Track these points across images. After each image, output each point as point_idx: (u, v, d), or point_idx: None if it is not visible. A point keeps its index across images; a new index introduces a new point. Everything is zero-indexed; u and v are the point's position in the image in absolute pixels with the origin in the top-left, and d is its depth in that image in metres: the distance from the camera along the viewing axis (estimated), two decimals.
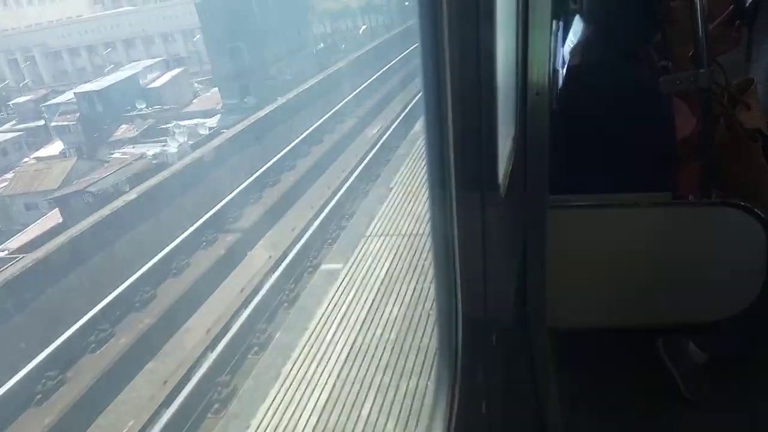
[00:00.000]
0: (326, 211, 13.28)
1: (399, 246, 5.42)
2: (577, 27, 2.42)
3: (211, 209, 14.30)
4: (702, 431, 2.36)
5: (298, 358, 4.17)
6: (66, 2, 56.77)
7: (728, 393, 2.42)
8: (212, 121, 31.55)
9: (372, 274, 4.96)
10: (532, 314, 1.99)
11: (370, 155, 16.35)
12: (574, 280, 2.13)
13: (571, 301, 2.15)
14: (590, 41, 2.31)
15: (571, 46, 2.41)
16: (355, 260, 5.33)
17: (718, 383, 2.47)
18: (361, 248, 5.55)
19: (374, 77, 25.90)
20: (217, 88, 34.71)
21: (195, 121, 32.16)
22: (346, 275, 5.01)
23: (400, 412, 3.57)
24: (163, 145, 26.98)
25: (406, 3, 40.40)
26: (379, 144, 17.08)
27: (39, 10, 56.01)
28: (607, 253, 2.11)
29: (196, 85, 41.03)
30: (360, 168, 15.65)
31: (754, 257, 1.98)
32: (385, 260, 5.18)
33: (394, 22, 41.51)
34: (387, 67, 27.38)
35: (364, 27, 41.35)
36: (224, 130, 23.94)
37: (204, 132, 27.76)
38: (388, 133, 18.02)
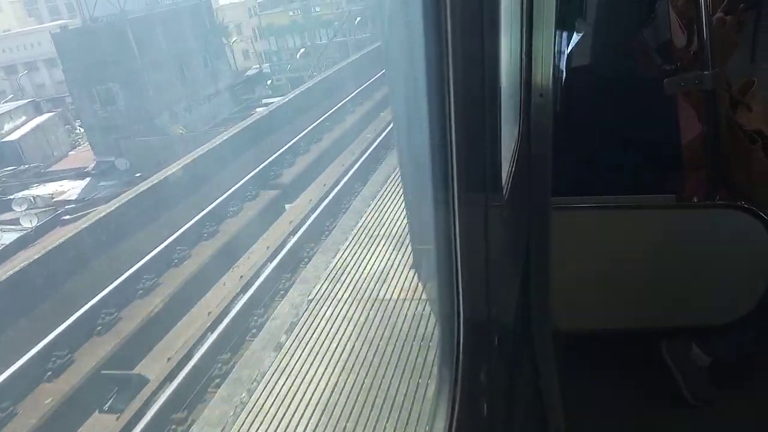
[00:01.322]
0: None
1: None
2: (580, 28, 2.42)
3: None
4: None
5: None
6: None
7: (732, 396, 2.41)
8: (73, 190, 21.91)
9: None
10: (536, 316, 1.99)
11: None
12: (578, 282, 2.13)
13: (575, 303, 2.14)
14: (594, 42, 2.31)
15: (576, 46, 2.42)
16: None
17: (722, 386, 2.46)
18: None
19: (312, 126, 17.54)
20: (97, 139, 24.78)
21: (58, 185, 22.76)
22: None
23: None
24: None
25: (358, 19, 32.90)
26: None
27: None
28: (610, 255, 2.10)
29: (79, 130, 29.61)
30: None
31: (758, 260, 1.97)
32: None
33: (348, 43, 32.80)
34: (327, 114, 18.71)
35: (302, 50, 32.70)
36: (67, 216, 16.61)
37: (29, 224, 16.98)
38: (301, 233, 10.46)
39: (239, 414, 3.89)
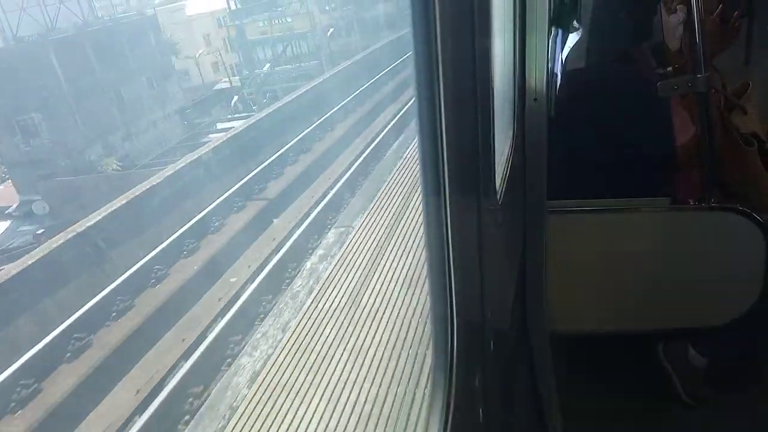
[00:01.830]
0: None
1: None
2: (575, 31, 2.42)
3: None
4: None
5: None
6: None
7: (728, 397, 2.41)
8: None
9: None
10: (532, 319, 1.99)
11: None
12: (574, 284, 2.13)
13: (571, 306, 2.14)
14: (588, 45, 2.31)
15: (570, 49, 2.42)
16: None
17: (719, 387, 2.46)
18: None
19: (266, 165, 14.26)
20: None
21: None
22: None
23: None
24: None
25: (331, 31, 30.33)
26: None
27: None
28: (606, 257, 2.10)
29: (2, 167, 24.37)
30: None
31: (753, 261, 1.98)
32: None
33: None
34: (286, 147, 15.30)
35: (267, 65, 28.83)
36: None
37: None
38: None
39: None
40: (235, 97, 27.41)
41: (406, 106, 17.32)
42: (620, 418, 2.33)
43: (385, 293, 4.55)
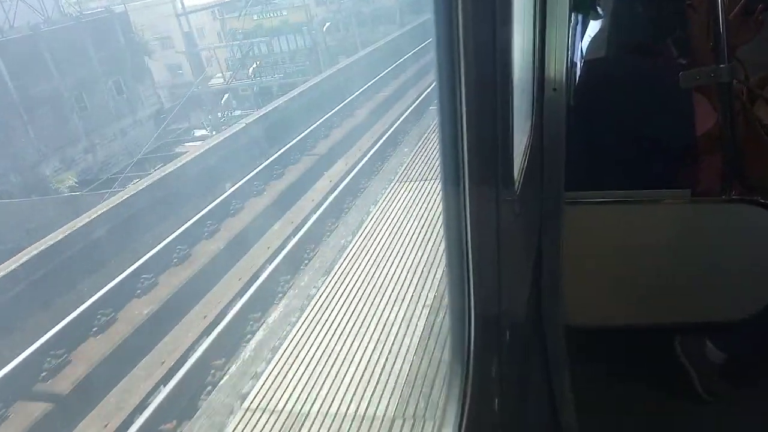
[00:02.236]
0: None
1: None
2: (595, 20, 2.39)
3: None
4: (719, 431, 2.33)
5: None
6: None
7: (746, 393, 2.39)
8: None
9: None
10: (548, 311, 1.98)
11: None
12: (591, 277, 2.11)
13: (587, 299, 2.13)
14: (609, 35, 2.28)
15: (590, 39, 2.39)
16: None
17: (736, 383, 2.44)
18: None
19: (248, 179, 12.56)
20: None
21: None
22: None
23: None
24: None
25: (327, 24, 28.71)
26: None
27: None
28: (624, 249, 2.09)
29: None
30: None
31: None
32: None
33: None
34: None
35: (255, 65, 26.68)
36: None
37: None
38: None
39: None
40: (226, 95, 25.31)
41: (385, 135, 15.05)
42: (634, 412, 2.32)
43: None
